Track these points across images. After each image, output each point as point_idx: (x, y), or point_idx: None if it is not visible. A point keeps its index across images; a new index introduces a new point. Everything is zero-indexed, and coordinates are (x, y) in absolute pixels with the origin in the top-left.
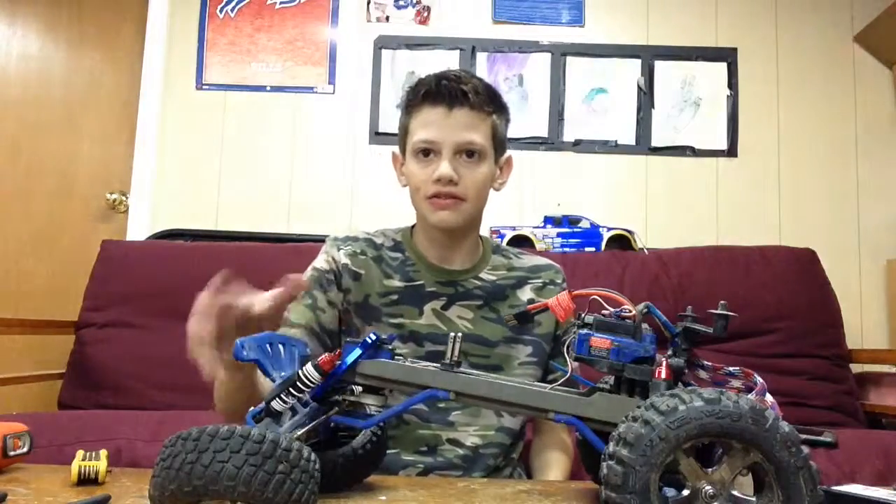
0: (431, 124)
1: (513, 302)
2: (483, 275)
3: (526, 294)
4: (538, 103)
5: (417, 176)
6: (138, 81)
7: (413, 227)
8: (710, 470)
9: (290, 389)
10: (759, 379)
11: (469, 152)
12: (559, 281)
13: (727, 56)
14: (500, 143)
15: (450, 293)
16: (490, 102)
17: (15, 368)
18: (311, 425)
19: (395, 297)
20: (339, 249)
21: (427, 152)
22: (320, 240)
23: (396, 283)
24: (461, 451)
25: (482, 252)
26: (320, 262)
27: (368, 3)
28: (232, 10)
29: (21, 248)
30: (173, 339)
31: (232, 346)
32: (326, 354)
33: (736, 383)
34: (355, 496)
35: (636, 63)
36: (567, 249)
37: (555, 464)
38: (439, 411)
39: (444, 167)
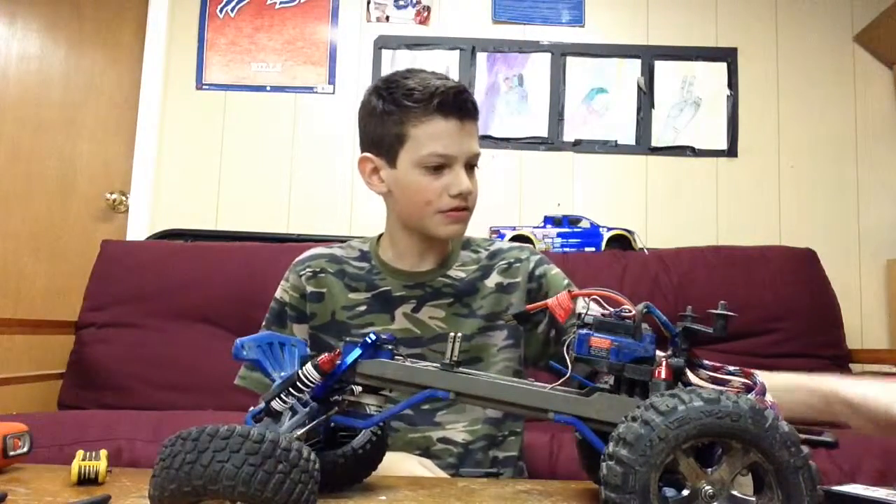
0: (447, 137)
1: (483, 293)
2: (452, 272)
3: (493, 280)
4: (538, 103)
5: (429, 189)
6: (138, 81)
7: (380, 235)
8: (709, 470)
9: (290, 389)
10: (760, 379)
11: (473, 163)
12: (524, 256)
13: (727, 56)
14: None
15: (418, 295)
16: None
17: (15, 368)
18: (311, 425)
19: (362, 308)
20: (299, 276)
21: (441, 166)
22: (320, 240)
23: (362, 294)
24: (454, 449)
25: (451, 249)
26: (280, 292)
27: (368, 3)
28: (232, 10)
29: (21, 248)
30: (173, 339)
31: None
32: (326, 354)
33: (736, 383)
34: (355, 496)
35: (636, 63)
36: (567, 249)
37: None
38: (424, 413)
39: (466, 181)
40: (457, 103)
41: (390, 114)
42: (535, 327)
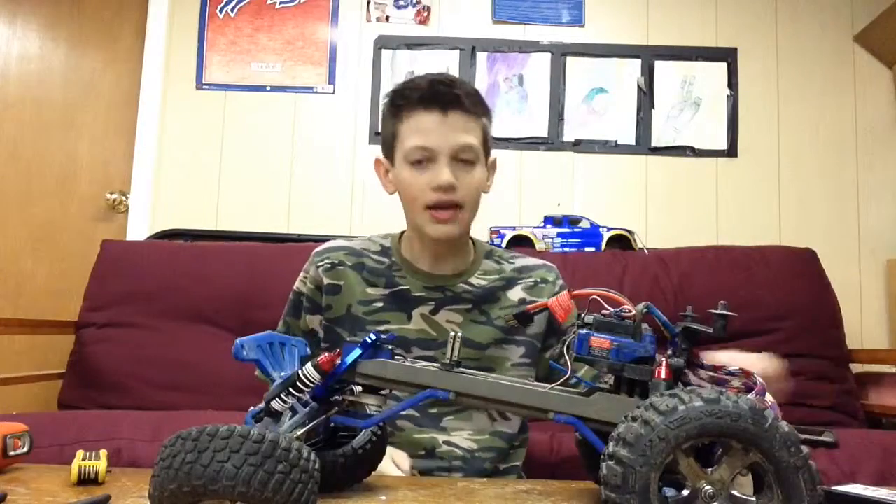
0: (427, 130)
1: (504, 304)
2: (473, 280)
3: (517, 294)
4: (538, 103)
5: (413, 185)
6: (138, 81)
7: (402, 232)
8: (709, 470)
9: (290, 389)
10: (759, 379)
11: (465, 157)
12: (551, 279)
13: (727, 56)
14: (489, 145)
15: (438, 298)
16: (480, 104)
17: (15, 368)
18: (311, 425)
19: (379, 304)
20: (317, 267)
21: (422, 159)
22: (320, 240)
23: (380, 290)
24: (459, 453)
25: (473, 257)
26: (298, 283)
27: (368, 3)
28: (232, 10)
29: (21, 248)
30: (173, 339)
31: None
32: (326, 354)
33: (736, 383)
34: (355, 496)
35: (636, 63)
36: (567, 249)
37: None
38: (431, 417)
39: (446, 174)
40: (435, 94)
41: (389, 115)
42: (544, 350)
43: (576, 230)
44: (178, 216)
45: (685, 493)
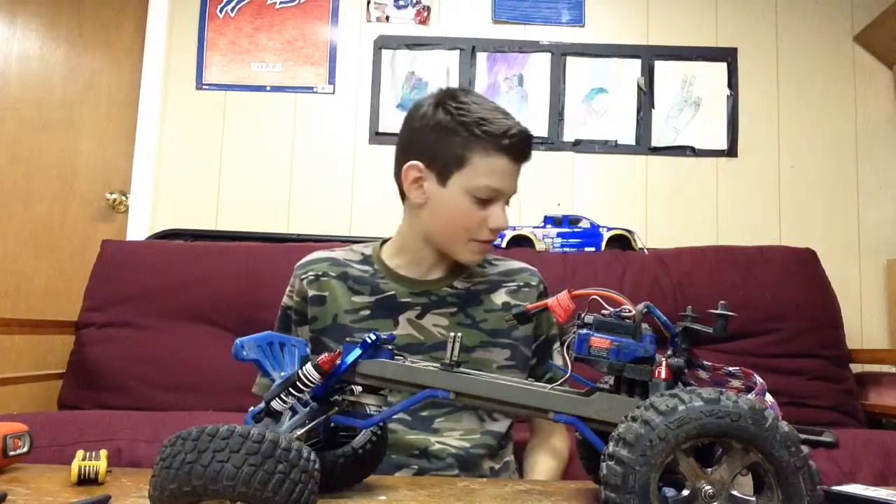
0: (503, 174)
1: (488, 306)
2: (457, 283)
3: (500, 297)
4: (538, 103)
5: (471, 217)
6: (138, 81)
7: (383, 241)
8: (709, 470)
9: (290, 389)
10: (759, 379)
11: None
12: (534, 283)
13: (727, 56)
14: None
15: (423, 302)
16: None
17: (15, 368)
18: (311, 425)
19: (366, 312)
20: (301, 279)
21: (489, 199)
22: (320, 240)
23: (366, 297)
24: (453, 451)
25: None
26: (285, 298)
27: (368, 3)
28: (232, 10)
29: (21, 248)
30: (173, 339)
31: None
32: (326, 354)
33: (736, 383)
34: (355, 496)
35: (636, 63)
36: (567, 249)
37: (539, 468)
38: (423, 420)
39: (505, 219)
40: (523, 148)
41: (456, 133)
42: (534, 355)
43: (576, 230)
44: (178, 216)
45: (685, 493)
